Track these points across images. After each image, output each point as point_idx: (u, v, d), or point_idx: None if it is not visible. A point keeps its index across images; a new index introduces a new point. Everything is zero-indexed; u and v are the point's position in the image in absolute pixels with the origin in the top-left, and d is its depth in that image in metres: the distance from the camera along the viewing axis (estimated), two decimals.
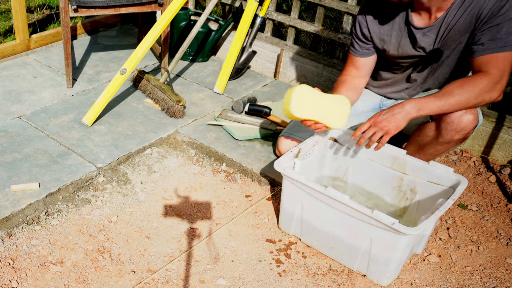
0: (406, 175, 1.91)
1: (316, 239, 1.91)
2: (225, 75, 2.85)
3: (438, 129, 1.86)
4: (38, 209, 1.99)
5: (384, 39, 1.96)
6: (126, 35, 3.48)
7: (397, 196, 1.97)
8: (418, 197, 1.91)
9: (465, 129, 1.81)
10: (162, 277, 1.77)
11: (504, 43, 1.67)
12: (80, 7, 2.57)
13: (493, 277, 1.85)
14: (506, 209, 2.18)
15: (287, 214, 1.95)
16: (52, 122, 2.48)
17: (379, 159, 1.96)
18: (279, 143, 2.23)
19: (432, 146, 1.93)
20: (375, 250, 1.72)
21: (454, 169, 1.82)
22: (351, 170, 2.04)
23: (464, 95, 1.71)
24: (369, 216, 1.63)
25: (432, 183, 1.85)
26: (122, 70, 2.51)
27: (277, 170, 1.84)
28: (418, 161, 1.88)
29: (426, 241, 1.90)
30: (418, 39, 1.87)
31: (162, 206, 2.10)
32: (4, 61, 2.99)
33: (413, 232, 1.58)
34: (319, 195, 1.76)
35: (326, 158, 2.08)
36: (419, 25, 1.85)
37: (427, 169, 1.85)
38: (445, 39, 1.83)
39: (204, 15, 2.74)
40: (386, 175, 1.96)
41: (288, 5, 3.86)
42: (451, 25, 1.79)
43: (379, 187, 2.00)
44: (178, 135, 2.49)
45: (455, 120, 1.79)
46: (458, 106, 1.74)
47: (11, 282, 1.71)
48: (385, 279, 1.77)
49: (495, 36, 1.68)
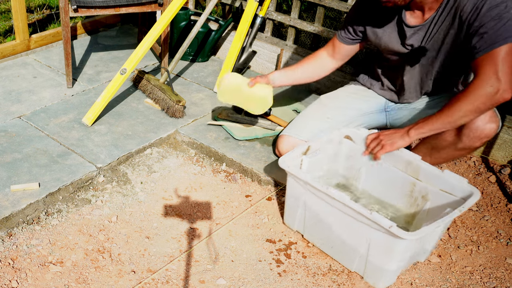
0: (419, 181, 1.86)
1: (317, 237, 1.91)
2: None
3: (458, 135, 1.84)
4: (38, 209, 1.99)
5: (377, 34, 1.98)
6: (126, 35, 3.48)
7: (408, 201, 1.92)
8: (428, 205, 1.85)
9: (488, 136, 1.80)
10: (162, 277, 1.77)
11: (492, 40, 1.62)
12: (80, 7, 2.57)
13: (493, 277, 1.85)
14: (506, 209, 2.18)
15: (291, 210, 1.96)
16: (52, 122, 2.48)
17: (393, 162, 1.92)
18: (280, 142, 2.23)
19: (449, 151, 1.91)
20: (373, 253, 1.71)
21: (468, 180, 1.80)
22: (364, 170, 2.01)
23: (463, 110, 1.68)
24: (367, 218, 1.62)
25: (444, 192, 1.79)
26: (122, 70, 2.51)
27: (281, 167, 1.82)
28: (432, 168, 1.82)
29: (430, 250, 1.87)
30: (408, 37, 1.89)
31: (162, 206, 2.10)
32: (4, 61, 2.99)
33: (410, 237, 1.56)
34: (321, 194, 1.76)
35: (339, 156, 2.06)
36: (411, 23, 1.87)
37: (440, 177, 1.80)
38: (432, 38, 1.84)
39: (204, 15, 2.74)
40: (398, 179, 1.91)
41: (288, 5, 3.86)
42: (437, 25, 1.81)
43: (390, 191, 1.96)
44: (178, 135, 2.49)
45: (480, 127, 1.77)
46: (460, 122, 1.73)
47: (11, 282, 1.71)
48: (380, 282, 1.76)
49: (482, 36, 1.64)
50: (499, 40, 1.60)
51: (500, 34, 1.59)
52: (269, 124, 2.51)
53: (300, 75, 2.24)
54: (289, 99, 2.76)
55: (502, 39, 1.59)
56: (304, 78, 2.26)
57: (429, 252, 1.88)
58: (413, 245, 1.70)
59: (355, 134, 2.00)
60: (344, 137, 2.03)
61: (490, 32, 1.61)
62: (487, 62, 1.62)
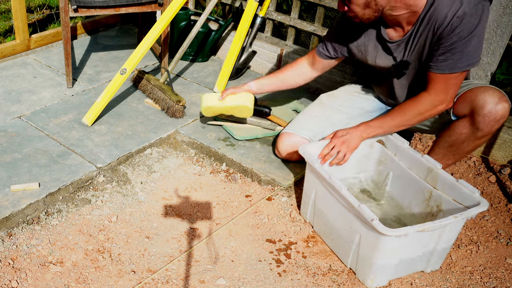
0: (436, 189, 1.85)
1: (323, 229, 1.95)
2: (225, 75, 2.85)
3: (473, 124, 1.86)
4: (38, 209, 1.99)
5: (362, 50, 2.05)
6: (126, 35, 3.48)
7: (425, 210, 1.91)
8: (441, 215, 1.82)
9: (504, 116, 1.83)
10: (162, 277, 1.77)
11: (454, 65, 1.78)
12: (80, 7, 2.57)
13: (493, 277, 1.85)
14: (506, 209, 2.18)
15: (305, 200, 2.01)
16: (52, 122, 2.48)
17: (416, 170, 1.92)
18: (280, 140, 2.23)
19: (470, 143, 1.92)
20: (362, 248, 1.73)
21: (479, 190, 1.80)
22: (391, 175, 2.02)
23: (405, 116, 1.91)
24: (356, 209, 1.64)
25: (456, 202, 1.78)
26: (122, 70, 2.51)
27: (299, 152, 1.90)
28: (449, 177, 1.80)
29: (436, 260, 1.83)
30: (393, 51, 1.95)
31: (162, 206, 2.10)
32: (4, 61, 2.99)
33: (389, 233, 1.57)
34: (326, 183, 1.79)
35: (370, 159, 2.08)
36: (393, 38, 1.94)
37: (455, 186, 1.78)
38: (414, 50, 1.90)
39: (204, 15, 2.74)
40: (419, 187, 1.91)
41: (288, 5, 3.86)
42: (417, 38, 1.86)
43: (411, 198, 1.96)
44: (178, 135, 2.49)
45: (492, 110, 1.81)
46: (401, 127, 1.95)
47: (11, 282, 1.71)
48: (368, 280, 1.76)
49: (447, 57, 1.77)
50: (458, 67, 1.78)
51: (461, 62, 1.77)
52: (269, 124, 2.51)
53: (278, 83, 2.31)
54: (289, 99, 2.76)
55: (460, 67, 1.78)
56: (283, 86, 2.33)
57: (433, 263, 1.83)
58: (404, 246, 1.68)
59: (387, 140, 2.02)
60: (376, 141, 2.05)
61: (455, 59, 1.77)
62: (442, 80, 1.83)
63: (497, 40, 2.27)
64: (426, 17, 1.79)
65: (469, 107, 1.86)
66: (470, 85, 1.92)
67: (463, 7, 1.69)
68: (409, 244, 1.68)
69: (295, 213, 2.09)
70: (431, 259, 1.80)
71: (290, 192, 2.19)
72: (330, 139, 1.99)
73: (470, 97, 1.86)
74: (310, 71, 2.28)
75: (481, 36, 1.75)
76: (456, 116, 1.93)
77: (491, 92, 1.83)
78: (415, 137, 2.61)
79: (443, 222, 1.63)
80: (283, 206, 2.13)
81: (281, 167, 2.28)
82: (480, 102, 1.82)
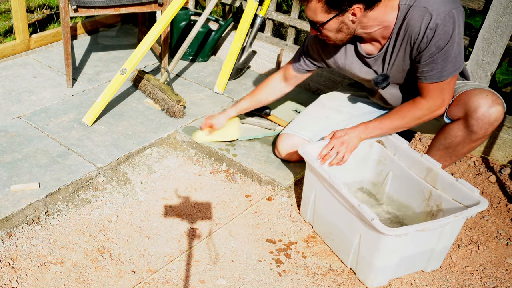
0: (436, 189, 1.85)
1: (323, 229, 1.95)
2: (225, 75, 2.85)
3: (468, 127, 1.85)
4: (38, 209, 1.99)
5: (339, 64, 2.06)
6: (126, 35, 3.48)
7: (425, 210, 1.91)
8: (441, 215, 1.82)
9: (497, 119, 1.81)
10: (162, 277, 1.77)
11: (440, 74, 1.78)
12: (80, 7, 2.57)
13: (493, 277, 1.85)
14: (506, 209, 2.18)
15: (305, 201, 2.00)
16: (52, 122, 2.48)
17: (416, 169, 1.92)
18: (280, 141, 2.23)
19: (465, 145, 1.91)
20: (362, 248, 1.73)
21: (479, 190, 1.80)
22: (391, 175, 2.02)
23: (404, 120, 1.92)
24: (356, 209, 1.64)
25: (456, 201, 1.78)
26: (122, 70, 2.51)
27: (299, 152, 1.90)
28: (449, 176, 1.81)
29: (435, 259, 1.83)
30: (371, 65, 1.96)
31: (162, 206, 2.10)
32: (4, 61, 2.99)
33: (389, 232, 1.57)
34: (326, 183, 1.79)
35: (369, 159, 2.08)
36: (370, 52, 1.94)
37: (454, 186, 1.77)
38: (394, 63, 1.90)
39: (204, 15, 2.74)
40: (418, 187, 1.91)
41: (288, 5, 3.86)
42: (394, 51, 1.86)
43: (411, 198, 1.96)
44: (178, 135, 2.49)
45: (486, 114, 1.80)
46: (399, 129, 1.96)
47: (11, 282, 1.71)
48: (369, 280, 1.76)
49: (432, 67, 1.79)
50: (445, 75, 1.79)
51: (446, 70, 1.78)
52: (269, 124, 2.51)
53: (254, 103, 2.35)
54: (289, 99, 2.76)
55: (447, 75, 1.79)
56: (259, 105, 2.37)
57: (434, 263, 1.83)
58: (404, 246, 1.68)
59: (386, 140, 2.02)
60: (376, 141, 2.04)
61: (439, 68, 1.78)
62: (434, 88, 1.83)
63: (497, 40, 2.27)
64: (401, 31, 1.79)
65: (463, 110, 1.84)
66: (465, 87, 1.91)
67: (433, 19, 1.69)
68: (409, 244, 1.69)
69: (295, 213, 2.09)
70: (431, 258, 1.80)
71: (290, 192, 2.19)
72: (329, 139, 1.99)
73: (463, 100, 1.84)
74: (284, 86, 2.29)
75: (460, 41, 1.74)
76: (450, 119, 1.92)
77: (485, 94, 1.80)
78: (415, 137, 2.61)
79: (443, 221, 1.63)
80: (283, 206, 2.13)
81: (281, 167, 2.28)
82: (474, 105, 1.81)
